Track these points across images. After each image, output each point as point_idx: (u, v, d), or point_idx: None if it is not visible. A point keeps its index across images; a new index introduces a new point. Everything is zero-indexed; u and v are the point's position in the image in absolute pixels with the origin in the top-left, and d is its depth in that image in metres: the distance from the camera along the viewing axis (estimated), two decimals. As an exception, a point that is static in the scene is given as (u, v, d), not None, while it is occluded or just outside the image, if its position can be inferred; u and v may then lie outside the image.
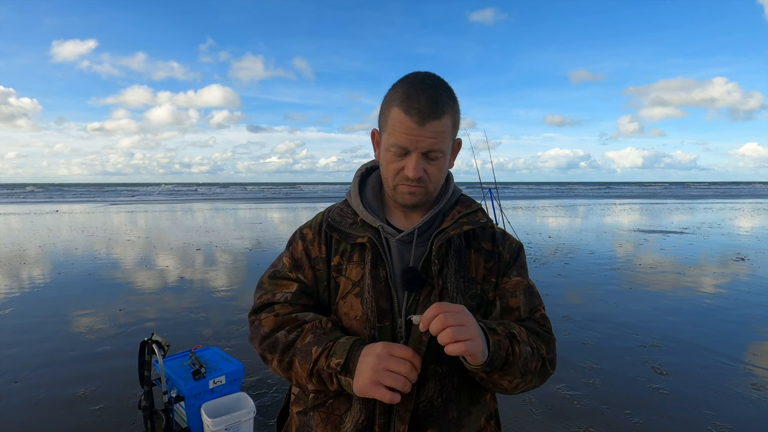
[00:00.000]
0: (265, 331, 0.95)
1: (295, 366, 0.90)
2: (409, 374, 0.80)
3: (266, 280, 1.03)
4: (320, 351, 0.87)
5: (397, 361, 0.80)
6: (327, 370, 0.86)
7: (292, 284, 0.99)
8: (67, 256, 9.25)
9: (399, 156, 0.90)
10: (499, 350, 0.84)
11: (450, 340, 0.76)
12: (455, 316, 0.77)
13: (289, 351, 0.91)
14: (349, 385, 0.84)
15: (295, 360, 0.90)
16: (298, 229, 1.07)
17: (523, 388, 0.92)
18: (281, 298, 0.98)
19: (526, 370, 0.89)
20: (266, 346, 0.95)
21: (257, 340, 0.97)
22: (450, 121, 0.89)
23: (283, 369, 0.93)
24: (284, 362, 0.92)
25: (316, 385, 0.89)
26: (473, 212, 1.00)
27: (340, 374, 0.85)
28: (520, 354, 0.87)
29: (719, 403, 3.31)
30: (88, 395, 3.39)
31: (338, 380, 0.86)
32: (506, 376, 0.87)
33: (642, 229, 14.67)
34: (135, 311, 5.53)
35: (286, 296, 0.98)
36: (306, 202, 31.62)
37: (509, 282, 0.99)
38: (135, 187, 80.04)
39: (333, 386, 0.87)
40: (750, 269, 8.12)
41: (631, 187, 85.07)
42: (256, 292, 1.03)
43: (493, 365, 0.83)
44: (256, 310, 1.00)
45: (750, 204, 29.88)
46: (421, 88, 0.86)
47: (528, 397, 3.33)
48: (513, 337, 0.88)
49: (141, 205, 28.26)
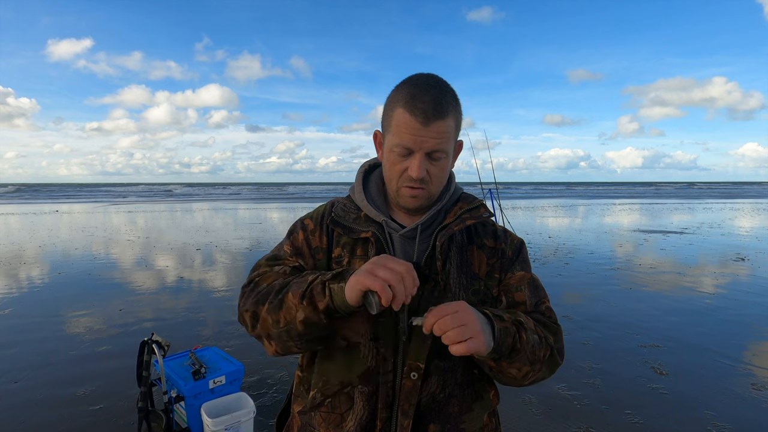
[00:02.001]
0: (263, 286, 0.93)
1: (287, 300, 0.86)
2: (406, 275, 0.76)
3: (264, 262, 1.02)
4: (317, 274, 0.86)
5: (395, 262, 0.77)
6: (320, 281, 0.83)
7: (292, 263, 0.99)
8: (66, 256, 9.25)
9: (403, 156, 0.90)
10: (506, 337, 0.84)
11: (452, 342, 0.77)
12: (454, 318, 0.77)
13: (285, 288, 0.88)
14: (341, 290, 0.80)
15: (289, 293, 0.86)
16: (299, 219, 1.07)
17: (533, 378, 0.92)
18: (279, 270, 0.97)
19: (534, 358, 0.89)
20: (260, 297, 0.91)
21: (251, 297, 0.93)
22: (453, 122, 0.89)
23: (273, 309, 0.87)
24: (275, 302, 0.87)
25: (306, 308, 0.83)
26: (475, 207, 1.01)
27: (333, 282, 0.82)
28: (528, 341, 0.87)
29: (719, 403, 3.31)
30: (88, 395, 3.39)
31: (330, 291, 0.82)
32: (515, 363, 0.87)
33: (642, 229, 14.68)
34: (135, 311, 5.53)
35: (284, 270, 0.97)
36: (300, 202, 31.62)
37: (513, 277, 1.00)
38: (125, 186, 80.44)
39: (323, 302, 0.82)
40: (750, 269, 8.12)
41: (633, 187, 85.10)
42: (251, 271, 1.01)
43: (500, 352, 0.83)
44: (251, 279, 0.98)
45: (750, 204, 29.88)
46: (425, 89, 0.86)
47: (528, 397, 3.33)
48: (520, 325, 0.88)
49: (140, 205, 28.26)
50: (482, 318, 0.83)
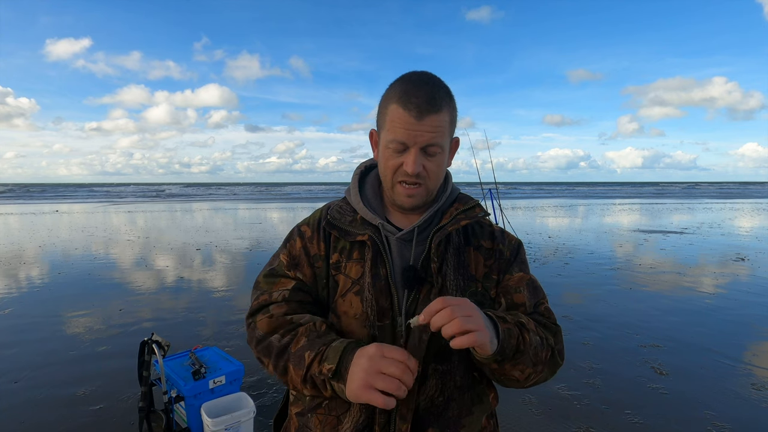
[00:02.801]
0: (260, 334, 0.94)
1: (290, 372, 0.88)
2: (403, 376, 0.77)
3: (262, 280, 1.01)
4: (313, 356, 0.85)
5: (390, 363, 0.77)
6: (320, 377, 0.84)
7: (290, 282, 0.98)
8: (66, 256, 9.25)
9: (398, 152, 0.90)
10: (509, 338, 0.83)
11: (458, 330, 0.74)
12: (461, 308, 0.77)
13: (283, 356, 0.89)
14: (342, 391, 0.82)
15: (290, 365, 0.88)
16: (295, 226, 1.06)
17: (535, 380, 0.91)
18: (278, 297, 0.96)
19: (537, 359, 0.88)
20: (261, 349, 0.93)
21: (253, 344, 0.96)
22: (448, 117, 0.89)
23: (279, 373, 0.91)
24: (279, 367, 0.90)
25: (311, 391, 0.87)
26: (471, 208, 1.00)
27: (332, 380, 0.83)
28: (531, 342, 0.87)
29: (719, 403, 3.31)
30: (88, 395, 3.39)
31: (331, 386, 0.84)
32: (518, 365, 0.86)
33: (642, 229, 14.67)
34: (135, 311, 5.53)
35: (283, 294, 0.96)
36: (299, 202, 31.61)
37: (512, 278, 0.99)
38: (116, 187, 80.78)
39: (327, 392, 0.85)
40: (750, 269, 8.12)
41: (638, 187, 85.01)
42: (252, 293, 1.02)
43: (504, 354, 0.83)
44: (252, 313, 0.98)
45: (750, 204, 29.88)
46: (418, 85, 0.87)
47: (528, 397, 3.33)
48: (522, 326, 0.88)
49: (139, 204, 28.26)
50: (486, 319, 0.82)
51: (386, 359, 0.78)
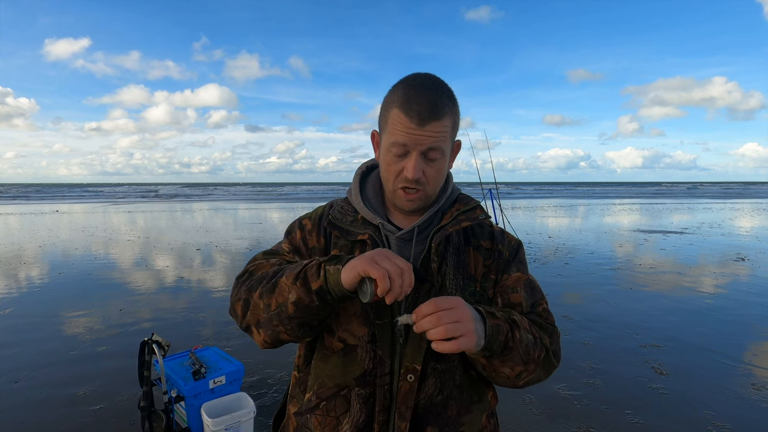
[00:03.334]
0: (257, 274, 0.93)
1: (279, 282, 0.85)
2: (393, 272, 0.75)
3: (261, 255, 1.03)
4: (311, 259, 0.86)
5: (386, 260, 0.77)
6: (316, 263, 0.82)
7: (289, 258, 1.00)
8: (66, 256, 9.25)
9: (399, 156, 0.90)
10: (497, 334, 0.83)
11: (442, 337, 0.75)
12: (449, 314, 0.76)
13: (279, 273, 0.88)
14: (337, 272, 0.79)
15: (282, 277, 0.86)
16: (297, 218, 1.07)
17: (527, 378, 0.91)
18: (275, 261, 0.98)
19: (528, 358, 0.88)
20: (252, 284, 0.91)
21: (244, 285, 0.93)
22: (450, 122, 0.89)
23: (265, 293, 0.87)
24: (268, 285, 0.87)
25: (299, 289, 0.82)
26: (471, 209, 1.00)
27: (329, 264, 0.81)
28: (521, 340, 0.86)
29: (719, 403, 3.31)
30: (88, 395, 3.39)
31: (325, 272, 0.81)
32: (507, 362, 0.86)
33: (642, 229, 14.68)
34: (135, 311, 5.53)
35: (281, 261, 0.97)
36: (299, 202, 31.61)
37: (509, 278, 1.00)
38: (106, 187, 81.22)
39: (317, 282, 0.81)
40: (750, 269, 8.12)
41: (641, 187, 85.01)
42: (247, 264, 1.01)
43: (492, 349, 0.83)
44: (246, 270, 0.98)
45: (750, 204, 29.88)
46: (421, 90, 0.86)
47: (528, 397, 3.33)
48: (513, 323, 0.88)
49: (139, 204, 28.26)
50: (476, 314, 0.82)
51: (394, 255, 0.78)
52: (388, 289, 0.75)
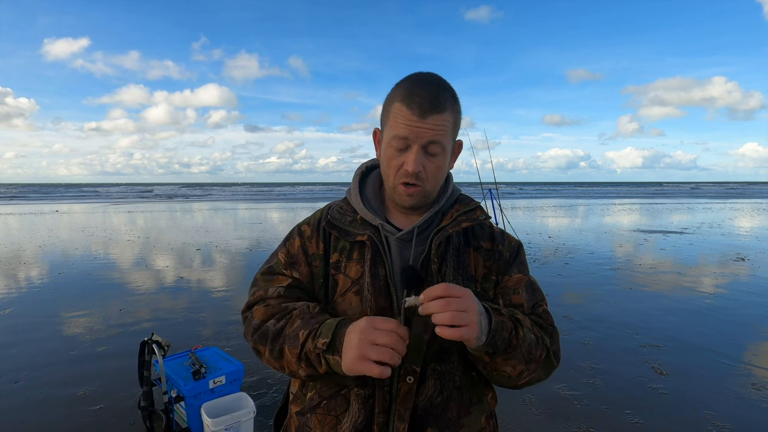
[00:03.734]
0: (256, 322, 0.95)
1: (285, 353, 0.89)
2: (395, 345, 0.78)
3: (260, 277, 1.03)
4: (307, 333, 0.86)
5: (381, 333, 0.79)
6: (314, 351, 0.84)
7: (286, 280, 1.00)
8: (66, 256, 9.25)
9: (400, 150, 0.90)
10: (501, 331, 0.84)
11: (447, 323, 0.76)
12: (458, 302, 0.78)
13: (279, 339, 0.90)
14: (337, 363, 0.83)
15: (285, 347, 0.89)
16: (296, 225, 1.07)
17: (527, 378, 0.91)
18: (273, 293, 0.98)
19: (530, 357, 0.88)
20: (257, 337, 0.94)
21: (249, 333, 0.97)
22: (451, 118, 0.89)
23: (275, 358, 0.91)
24: (275, 351, 0.91)
25: (306, 369, 0.87)
26: (472, 210, 1.01)
27: (327, 354, 0.83)
28: (524, 338, 0.87)
29: (719, 403, 3.31)
30: (88, 395, 3.39)
31: (326, 361, 0.84)
32: (510, 360, 0.86)
33: (642, 229, 14.68)
34: (135, 311, 5.53)
35: (279, 291, 0.98)
36: (299, 202, 31.60)
37: (510, 279, 1.00)
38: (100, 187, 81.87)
39: (322, 368, 0.85)
40: (750, 269, 8.12)
41: (635, 187, 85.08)
42: (250, 289, 1.04)
43: (495, 346, 0.83)
44: (248, 306, 1.00)
45: (750, 204, 29.88)
46: (423, 85, 0.87)
47: (528, 397, 3.33)
48: (517, 321, 0.88)
49: (139, 204, 28.27)
50: (482, 309, 0.83)
51: (377, 330, 0.79)
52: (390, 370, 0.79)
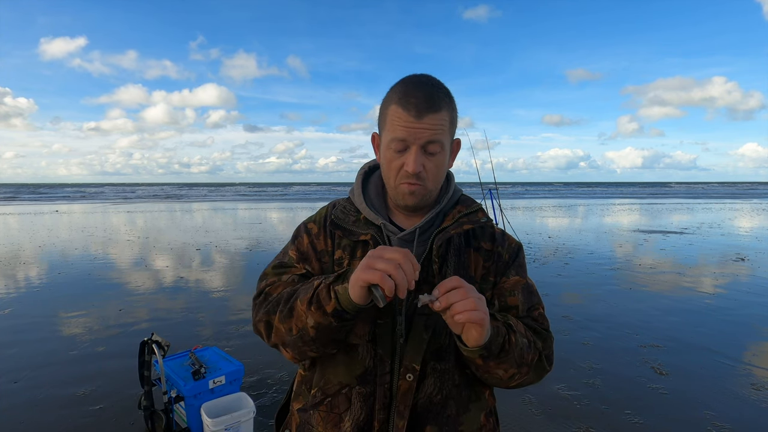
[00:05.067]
0: (273, 297, 0.95)
1: (296, 307, 0.88)
2: (402, 261, 0.76)
3: (270, 271, 1.03)
4: (322, 278, 0.88)
5: (389, 250, 0.78)
6: (325, 285, 0.85)
7: (299, 271, 1.00)
8: (66, 256, 9.25)
9: (399, 152, 0.90)
10: (496, 336, 0.85)
11: (472, 309, 0.76)
12: (474, 291, 0.79)
13: (293, 297, 0.91)
14: (345, 291, 0.82)
15: (297, 301, 0.89)
16: (302, 223, 1.08)
17: (518, 380, 0.93)
18: (288, 279, 0.99)
19: (522, 360, 0.90)
20: (270, 306, 0.93)
21: (262, 308, 0.95)
22: (447, 116, 0.90)
23: (284, 318, 0.90)
24: (285, 310, 0.90)
25: (315, 313, 0.85)
26: (473, 212, 1.01)
27: (336, 284, 0.84)
28: (517, 343, 0.88)
29: (719, 403, 3.31)
30: (88, 395, 3.39)
31: (335, 293, 0.83)
32: (502, 364, 0.88)
33: (642, 229, 14.68)
34: (135, 311, 5.53)
35: (293, 278, 0.99)
36: (300, 202, 31.58)
37: (508, 281, 1.00)
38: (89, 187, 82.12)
39: (330, 305, 0.83)
40: (750, 269, 8.12)
41: (636, 187, 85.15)
42: (259, 282, 1.03)
43: (490, 350, 0.84)
44: (260, 291, 1.00)
45: (750, 204, 29.89)
46: (417, 86, 0.88)
47: (528, 397, 3.33)
48: (510, 327, 0.90)
49: (139, 204, 28.26)
50: None
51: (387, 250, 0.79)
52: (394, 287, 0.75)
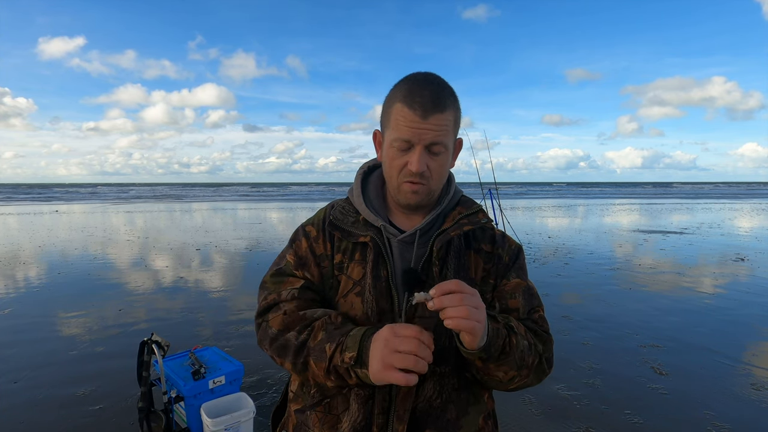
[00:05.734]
0: (274, 331, 0.93)
1: (311, 366, 0.88)
2: (418, 351, 0.78)
3: (269, 279, 1.01)
4: (334, 348, 0.85)
5: (402, 341, 0.78)
6: (343, 365, 0.84)
7: (298, 281, 0.98)
8: (66, 256, 9.24)
9: (402, 151, 0.90)
10: (496, 338, 0.84)
11: (463, 317, 0.76)
12: (472, 299, 0.78)
13: (303, 352, 0.89)
14: (366, 376, 0.82)
15: (310, 360, 0.88)
16: (300, 226, 1.06)
17: (518, 383, 0.92)
18: (287, 296, 0.96)
19: (522, 363, 0.89)
20: (276, 348, 0.92)
21: (267, 342, 0.95)
22: (452, 116, 0.89)
23: (299, 371, 0.90)
24: (299, 365, 0.90)
25: (335, 381, 0.87)
26: (473, 213, 1.01)
27: (355, 368, 0.83)
28: (517, 345, 0.87)
29: (719, 403, 3.31)
30: (88, 395, 3.39)
31: (356, 374, 0.83)
32: (502, 366, 0.87)
33: (641, 229, 14.67)
34: (134, 311, 5.52)
35: (292, 293, 0.97)
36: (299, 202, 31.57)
37: (508, 284, 1.00)
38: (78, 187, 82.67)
39: (352, 380, 0.85)
40: (750, 269, 8.12)
41: (635, 187, 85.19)
42: (260, 293, 1.01)
43: (489, 352, 0.83)
44: (262, 312, 0.98)
45: (749, 204, 29.89)
46: (423, 85, 0.87)
47: (527, 397, 3.33)
48: (511, 329, 0.89)
49: (139, 204, 28.26)
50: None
51: (398, 338, 0.79)
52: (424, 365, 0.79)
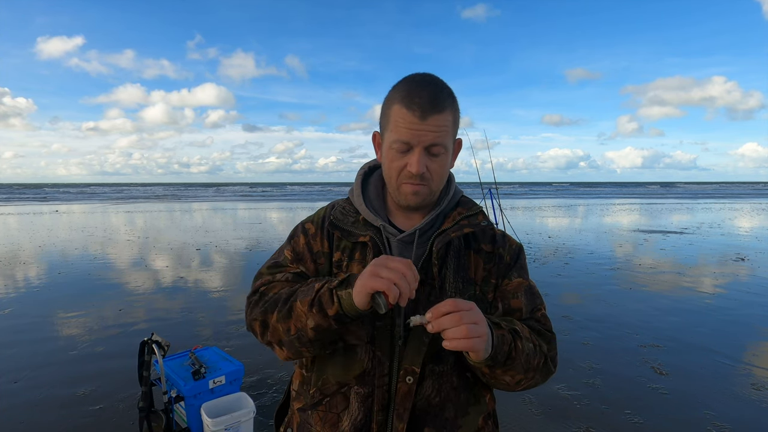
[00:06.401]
0: (268, 296, 0.95)
1: (295, 308, 0.88)
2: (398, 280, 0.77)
3: (265, 270, 1.03)
4: (323, 282, 0.87)
5: (388, 270, 0.78)
6: (327, 288, 0.85)
7: (293, 270, 1.00)
8: (66, 256, 9.24)
9: (401, 153, 0.90)
10: (502, 345, 0.84)
11: (463, 336, 0.76)
12: (469, 315, 0.78)
13: (291, 297, 0.90)
14: (349, 296, 0.82)
15: (296, 302, 0.88)
16: (300, 223, 1.07)
17: (525, 385, 0.93)
18: (282, 278, 0.99)
19: (528, 366, 0.89)
20: (268, 305, 0.93)
21: (258, 306, 0.95)
22: (451, 117, 0.89)
23: (281, 318, 0.89)
24: (284, 311, 0.89)
25: (316, 316, 0.85)
26: (474, 214, 1.00)
27: (340, 288, 0.83)
28: (523, 349, 0.88)
29: (719, 403, 3.31)
30: (88, 395, 3.39)
31: (338, 298, 0.83)
32: (509, 371, 0.87)
33: (642, 229, 14.68)
34: (135, 311, 5.52)
35: (287, 276, 0.99)
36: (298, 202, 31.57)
37: (510, 284, 1.00)
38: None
39: (333, 308, 0.83)
40: (750, 269, 8.12)
41: (635, 187, 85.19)
42: (254, 281, 1.02)
43: (496, 360, 0.84)
44: (255, 291, 0.99)
45: (749, 204, 29.89)
46: (421, 85, 0.87)
47: (528, 397, 3.33)
48: (516, 333, 0.89)
49: (139, 204, 28.26)
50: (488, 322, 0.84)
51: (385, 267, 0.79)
52: (398, 295, 0.77)
